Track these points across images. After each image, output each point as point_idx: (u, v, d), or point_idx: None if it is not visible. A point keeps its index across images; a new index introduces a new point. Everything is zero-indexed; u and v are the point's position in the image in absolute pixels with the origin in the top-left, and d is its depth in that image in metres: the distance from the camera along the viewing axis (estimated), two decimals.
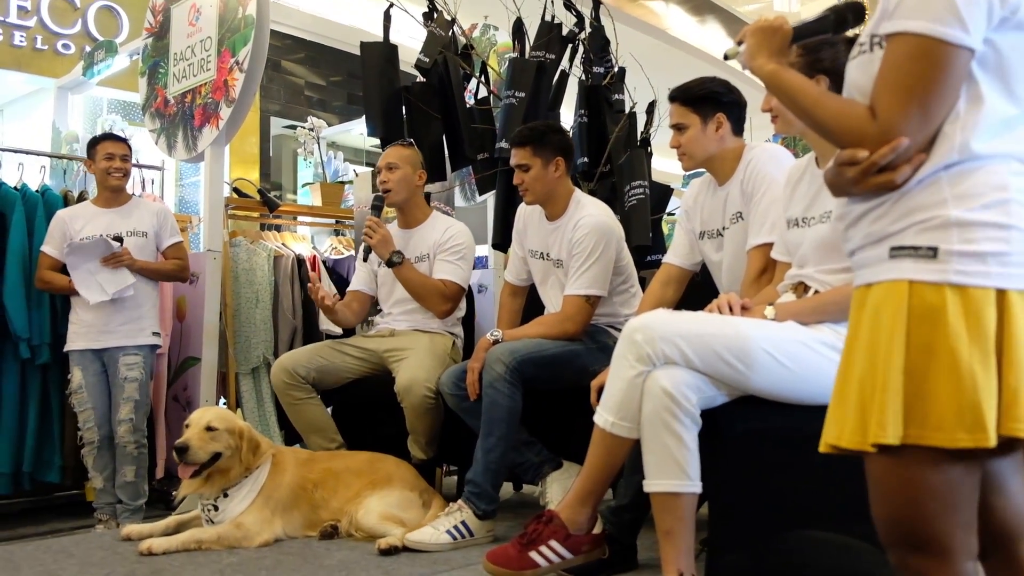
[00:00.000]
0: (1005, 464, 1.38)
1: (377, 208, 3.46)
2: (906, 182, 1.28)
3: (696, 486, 2.05)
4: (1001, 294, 1.22)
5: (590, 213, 3.08)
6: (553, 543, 2.24)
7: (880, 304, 1.27)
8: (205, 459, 2.84)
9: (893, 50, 1.28)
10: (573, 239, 3.05)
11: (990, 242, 1.23)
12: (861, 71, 1.35)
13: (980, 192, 1.25)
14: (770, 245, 2.49)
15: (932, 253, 1.23)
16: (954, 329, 1.20)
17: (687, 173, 4.73)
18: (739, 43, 1.56)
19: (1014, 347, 1.21)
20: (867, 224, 1.33)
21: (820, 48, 2.17)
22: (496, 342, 2.98)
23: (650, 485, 2.07)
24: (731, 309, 2.21)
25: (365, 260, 3.58)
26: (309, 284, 3.77)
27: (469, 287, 4.03)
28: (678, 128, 2.68)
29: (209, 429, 2.86)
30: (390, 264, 3.39)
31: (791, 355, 2.04)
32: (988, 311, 1.21)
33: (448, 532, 2.80)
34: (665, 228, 4.81)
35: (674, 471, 2.04)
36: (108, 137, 3.88)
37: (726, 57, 1.64)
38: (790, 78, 1.43)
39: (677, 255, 2.86)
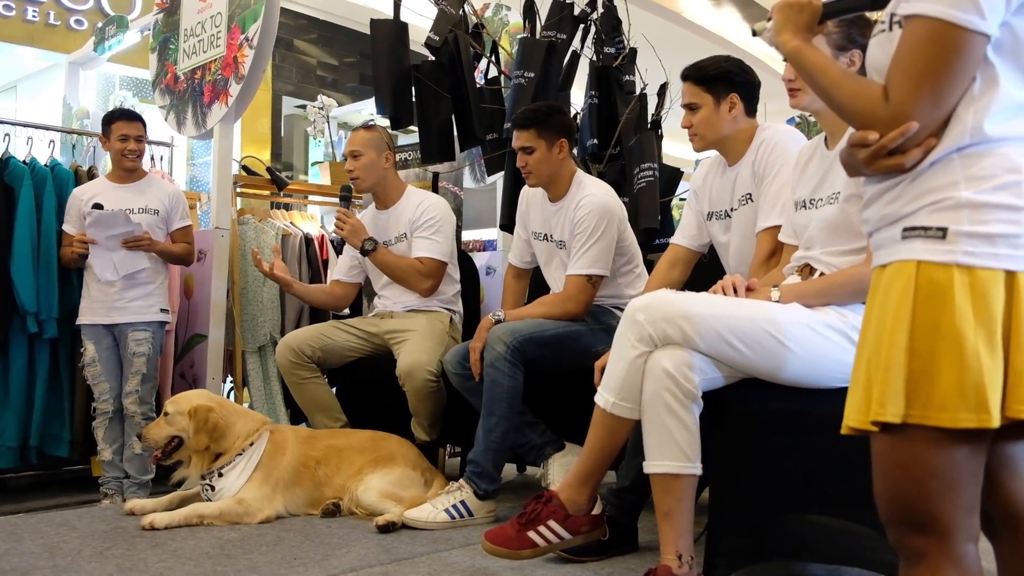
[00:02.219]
0: (1020, 447, 1.37)
1: (346, 199, 3.50)
2: (916, 166, 1.28)
3: (696, 468, 2.04)
4: (1010, 276, 1.21)
5: (592, 193, 3.06)
6: (552, 523, 2.23)
7: (889, 284, 1.27)
8: (161, 442, 2.95)
9: (909, 32, 1.26)
10: (575, 219, 3.03)
11: (1001, 224, 1.21)
12: (880, 50, 1.34)
13: (992, 174, 1.23)
14: (780, 228, 2.46)
15: (941, 234, 1.22)
16: (960, 309, 1.19)
17: (698, 157, 4.70)
18: (768, 19, 1.56)
19: (1022, 329, 1.20)
20: (882, 206, 1.32)
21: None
22: (499, 322, 2.97)
23: (650, 466, 2.06)
24: (736, 290, 2.18)
25: (339, 253, 3.66)
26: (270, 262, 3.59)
27: (475, 268, 4.02)
28: (690, 108, 2.64)
29: (165, 414, 2.96)
30: (364, 252, 3.43)
31: (795, 337, 2.02)
32: (996, 293, 1.20)
33: (447, 511, 2.80)
34: (676, 212, 4.78)
35: (674, 452, 2.02)
36: (122, 116, 3.85)
37: (754, 33, 1.63)
38: (811, 56, 1.42)
39: (685, 236, 2.83)
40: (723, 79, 2.62)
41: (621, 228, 3.09)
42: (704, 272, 2.85)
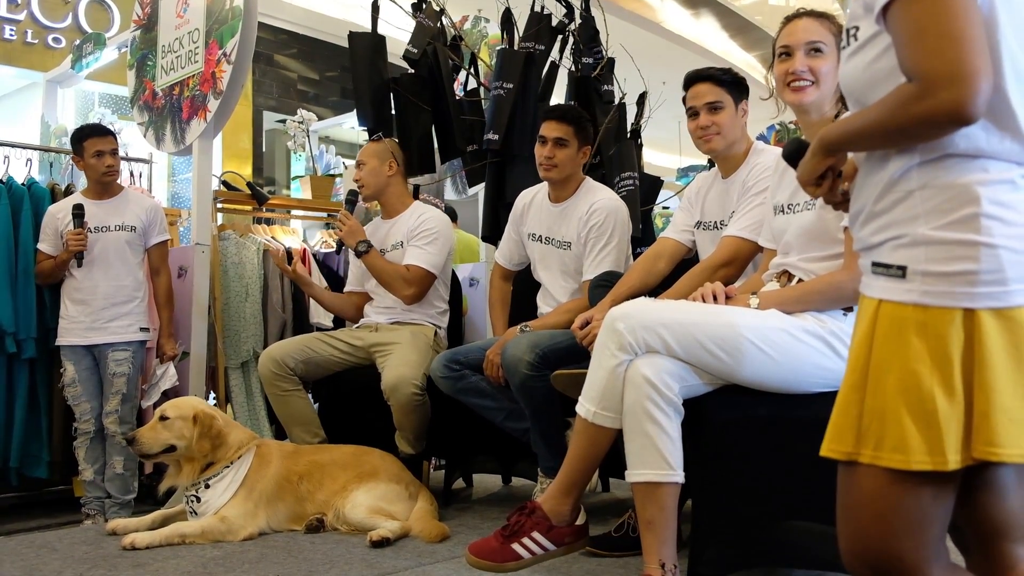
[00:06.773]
0: (1005, 471, 1.30)
1: (350, 203, 3.60)
2: None
3: (678, 476, 2.03)
4: (969, 314, 1.18)
5: (605, 197, 3.15)
6: (536, 535, 2.23)
7: (858, 318, 1.28)
8: (156, 449, 2.88)
9: (902, 16, 1.18)
10: (591, 223, 3.09)
11: (957, 261, 1.18)
12: (847, 66, 1.34)
13: (951, 208, 1.20)
14: (742, 240, 2.51)
15: (901, 272, 1.22)
16: (916, 351, 1.18)
17: (680, 164, 4.72)
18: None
19: (984, 369, 1.17)
20: (857, 228, 1.33)
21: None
22: (523, 331, 2.99)
23: (632, 475, 2.05)
24: (715, 298, 2.19)
25: (338, 252, 3.74)
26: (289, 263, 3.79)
27: (458, 280, 4.01)
28: (714, 107, 2.62)
29: (162, 419, 2.90)
30: (357, 253, 3.49)
31: (774, 344, 2.02)
32: (953, 333, 1.17)
33: None
34: (658, 221, 4.79)
35: (656, 461, 2.02)
36: (93, 132, 3.79)
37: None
38: (837, 128, 1.33)
39: (675, 230, 2.86)
40: (739, 85, 2.67)
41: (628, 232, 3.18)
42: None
